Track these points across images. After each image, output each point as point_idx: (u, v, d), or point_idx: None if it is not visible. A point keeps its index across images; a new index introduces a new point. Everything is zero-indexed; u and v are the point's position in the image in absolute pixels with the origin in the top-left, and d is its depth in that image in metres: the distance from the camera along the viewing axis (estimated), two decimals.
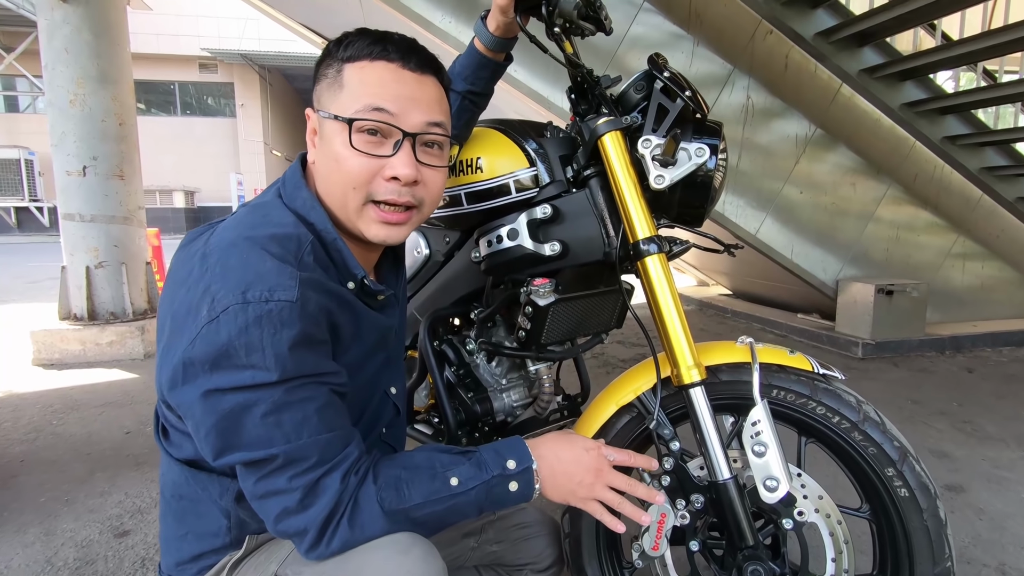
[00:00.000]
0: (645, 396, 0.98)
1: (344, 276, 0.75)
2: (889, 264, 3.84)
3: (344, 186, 0.73)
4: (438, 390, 1.24)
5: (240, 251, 0.65)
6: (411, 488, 0.70)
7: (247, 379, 0.62)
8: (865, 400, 0.94)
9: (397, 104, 0.72)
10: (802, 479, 0.92)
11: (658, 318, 0.94)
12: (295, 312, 0.63)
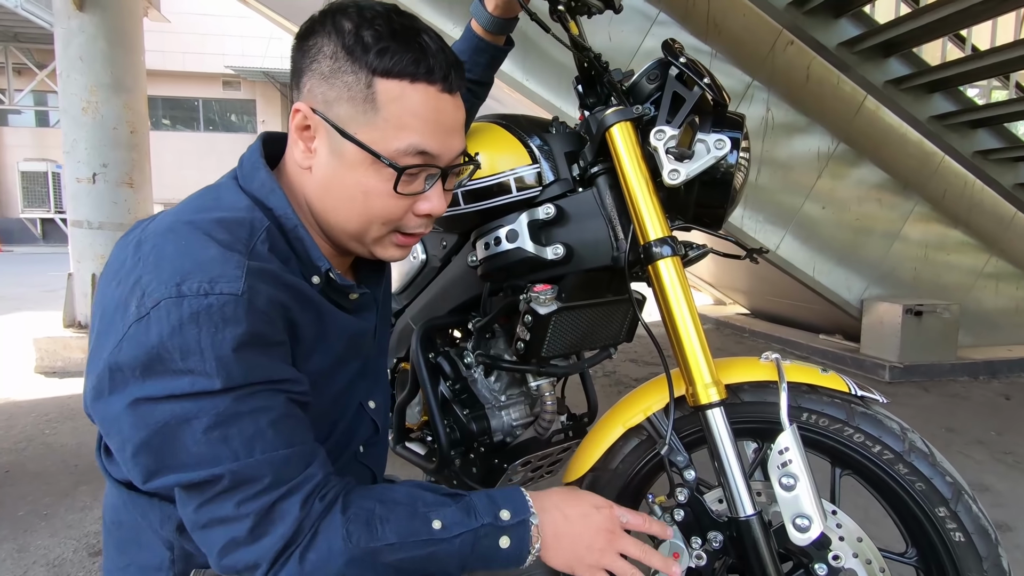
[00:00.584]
0: (656, 417, 0.87)
1: (308, 269, 0.66)
2: (917, 284, 3.67)
3: (369, 220, 0.66)
4: (430, 405, 1.14)
5: (178, 237, 0.56)
6: (385, 525, 0.60)
7: (184, 386, 0.52)
8: (910, 427, 0.82)
9: (439, 143, 0.64)
10: (838, 517, 0.79)
11: (671, 329, 0.83)
12: (241, 307, 0.54)
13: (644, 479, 0.90)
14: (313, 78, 0.62)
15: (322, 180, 0.65)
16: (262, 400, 0.56)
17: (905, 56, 3.11)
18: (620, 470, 0.90)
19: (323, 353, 0.68)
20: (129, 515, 0.67)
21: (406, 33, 0.62)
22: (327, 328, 0.67)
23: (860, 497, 0.89)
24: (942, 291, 3.68)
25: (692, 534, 0.81)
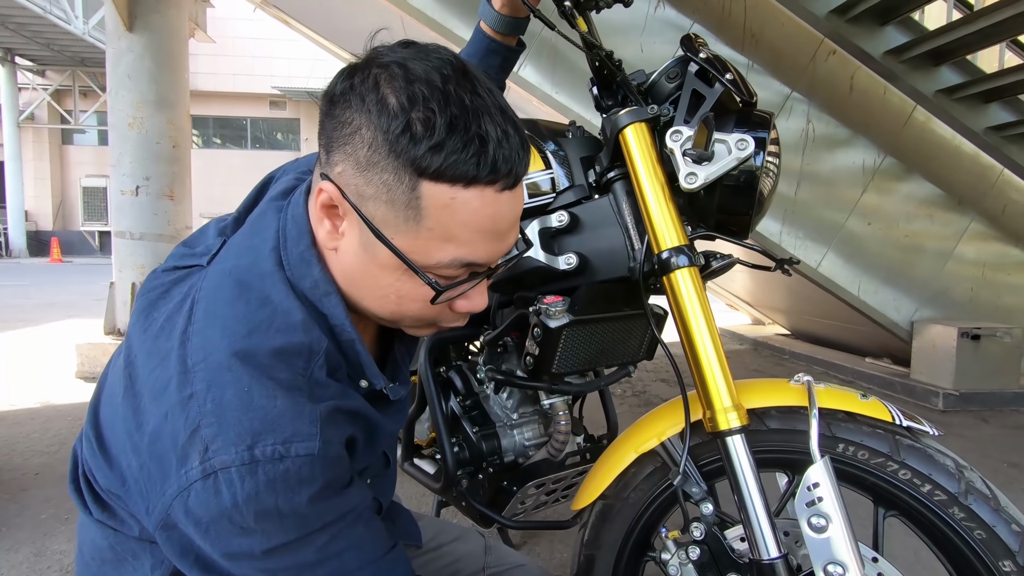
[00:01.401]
0: (671, 443, 0.79)
1: (356, 373, 0.61)
2: (975, 306, 3.42)
3: (401, 317, 0.59)
4: (437, 422, 1.09)
5: (238, 381, 0.50)
6: None
7: (256, 545, 0.50)
8: (967, 464, 0.72)
9: (489, 252, 0.54)
10: (879, 566, 0.70)
11: (688, 346, 0.76)
12: (317, 465, 0.50)
13: (659, 511, 0.82)
14: (347, 161, 0.51)
15: (350, 270, 0.56)
16: (342, 539, 0.55)
17: (958, 64, 2.94)
18: (632, 500, 0.82)
19: (369, 455, 0.65)
20: (116, 555, 0.63)
21: (466, 118, 0.48)
22: (376, 439, 0.64)
23: (909, 539, 0.79)
24: (1002, 314, 3.42)
25: (709, 575, 0.73)
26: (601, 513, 0.84)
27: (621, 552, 0.82)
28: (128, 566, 0.62)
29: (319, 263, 0.57)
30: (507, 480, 1.10)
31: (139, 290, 0.60)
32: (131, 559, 0.62)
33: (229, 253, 0.59)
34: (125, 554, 0.62)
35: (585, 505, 0.85)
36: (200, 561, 0.54)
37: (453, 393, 1.20)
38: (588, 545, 0.84)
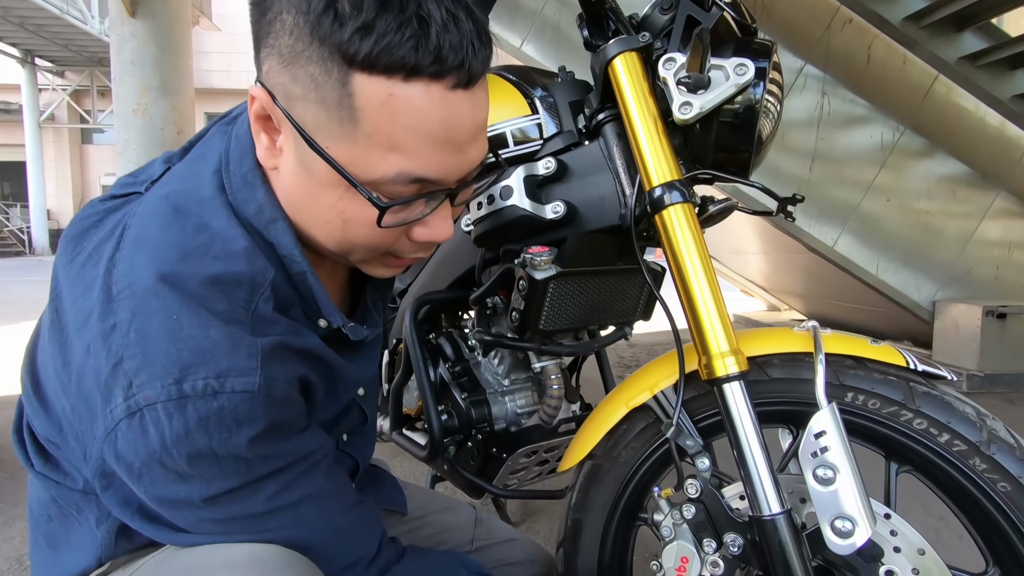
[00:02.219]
0: (665, 395, 0.74)
1: (314, 312, 0.56)
2: (1000, 285, 3.29)
3: (350, 246, 0.52)
4: (423, 387, 1.04)
5: (165, 308, 0.44)
6: None
7: (196, 492, 0.46)
8: (989, 413, 0.65)
9: (444, 165, 0.47)
10: (892, 522, 0.63)
11: (681, 288, 0.70)
12: (258, 404, 0.45)
13: (652, 470, 0.76)
14: (271, 57, 0.45)
15: (291, 190, 0.50)
16: (297, 489, 0.51)
17: (982, 28, 2.80)
18: (623, 459, 0.76)
19: (332, 404, 0.60)
20: (60, 510, 0.59)
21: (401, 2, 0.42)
22: (337, 384, 0.58)
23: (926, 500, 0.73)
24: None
25: (705, 536, 0.67)
26: (589, 474, 0.78)
27: (611, 516, 0.76)
28: (73, 521, 0.58)
29: (264, 186, 0.51)
30: (496, 447, 1.05)
31: (72, 219, 0.55)
32: (75, 513, 0.58)
33: (169, 178, 0.55)
34: (69, 508, 0.58)
35: (572, 465, 0.79)
36: (142, 511, 0.49)
37: (442, 360, 1.15)
38: (575, 509, 0.78)
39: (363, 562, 0.55)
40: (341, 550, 0.53)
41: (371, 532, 0.57)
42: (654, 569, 0.69)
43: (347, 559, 0.54)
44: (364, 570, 0.55)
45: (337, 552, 0.53)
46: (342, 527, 0.53)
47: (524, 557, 0.85)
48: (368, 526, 0.57)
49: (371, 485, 0.83)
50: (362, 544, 0.55)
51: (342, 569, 0.53)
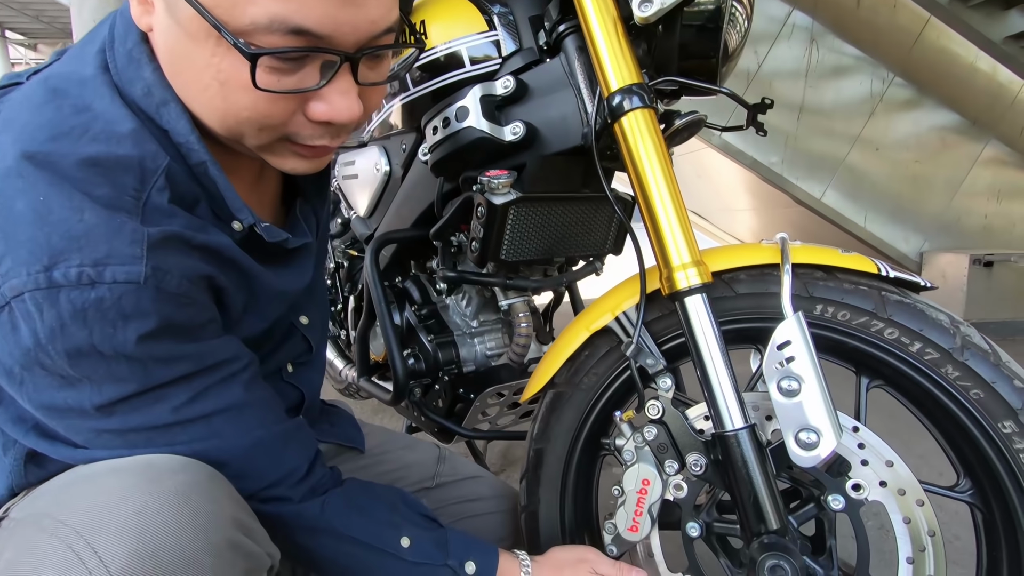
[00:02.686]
0: (626, 316, 0.70)
1: (225, 212, 0.50)
2: (988, 234, 3.27)
3: (236, 121, 0.46)
4: (384, 329, 1.00)
5: (32, 188, 0.39)
6: (360, 517, 0.56)
7: (87, 399, 0.42)
8: (964, 321, 0.62)
9: (330, 16, 0.41)
10: (860, 435, 0.61)
11: (641, 197, 0.65)
12: (146, 297, 0.40)
13: (616, 397, 0.73)
14: None
15: (167, 54, 0.45)
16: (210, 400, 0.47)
17: None
18: (585, 385, 0.73)
19: (255, 319, 0.55)
20: None
21: None
22: (257, 293, 0.53)
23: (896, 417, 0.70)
24: (1017, 242, 3.27)
25: (667, 459, 0.64)
26: (551, 403, 0.75)
27: (573, 444, 0.73)
28: None
29: (151, 63, 0.46)
30: (464, 389, 1.01)
31: None
32: None
33: (54, 65, 0.49)
34: None
35: (533, 394, 0.76)
36: (38, 428, 0.45)
37: (408, 303, 1.11)
38: (537, 439, 0.75)
39: (290, 480, 0.52)
40: (264, 466, 0.50)
41: (300, 451, 0.53)
42: (616, 494, 0.66)
43: (271, 476, 0.50)
44: (291, 488, 0.51)
45: (259, 468, 0.50)
46: (264, 442, 0.50)
47: (490, 493, 0.83)
48: (297, 444, 0.53)
49: (326, 422, 0.80)
50: (288, 461, 0.52)
51: (267, 486, 0.50)
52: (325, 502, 0.53)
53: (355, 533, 0.54)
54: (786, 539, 0.57)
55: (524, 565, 0.62)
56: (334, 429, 0.79)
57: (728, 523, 0.66)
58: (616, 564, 0.63)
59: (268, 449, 0.50)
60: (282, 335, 0.67)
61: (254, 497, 0.50)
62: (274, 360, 0.66)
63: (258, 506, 0.50)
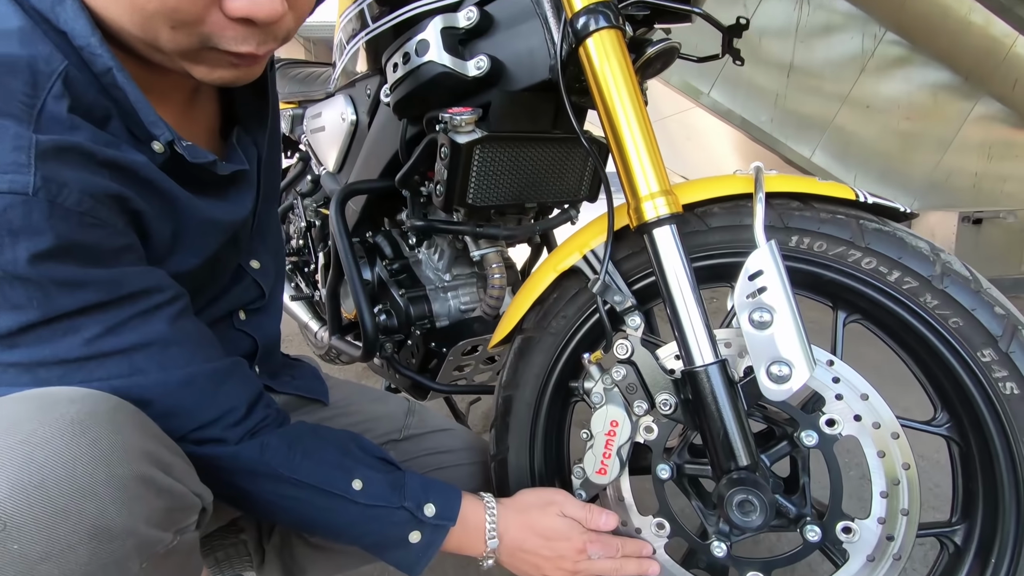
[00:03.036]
0: (594, 253, 0.66)
1: (141, 131, 0.46)
2: (978, 192, 3.25)
3: (143, 17, 0.41)
4: (352, 281, 0.96)
5: None
6: (305, 459, 0.53)
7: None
8: (944, 248, 0.59)
9: None
10: (835, 369, 0.58)
11: (607, 126, 0.61)
12: (37, 211, 0.36)
13: (587, 340, 0.70)
14: None
15: None
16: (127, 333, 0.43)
17: None
18: (554, 329, 0.70)
19: (187, 253, 0.51)
20: None
21: None
22: (185, 223, 0.49)
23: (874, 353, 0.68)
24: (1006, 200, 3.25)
25: (636, 399, 0.62)
26: (520, 349, 0.72)
27: (543, 390, 0.71)
28: None
29: None
30: (436, 342, 0.99)
31: None
32: None
33: None
34: None
35: (501, 340, 0.73)
36: None
37: (380, 258, 1.07)
38: (505, 386, 0.72)
39: (225, 421, 0.49)
40: (194, 406, 0.47)
41: (237, 391, 0.50)
42: (584, 438, 0.64)
43: (204, 416, 0.47)
44: (227, 430, 0.49)
45: (188, 408, 0.47)
46: (194, 381, 0.47)
47: (460, 445, 0.80)
48: (233, 385, 0.50)
49: (287, 374, 0.77)
50: (223, 402, 0.49)
51: (199, 427, 0.47)
52: (265, 443, 0.50)
53: (300, 475, 0.51)
54: (756, 475, 0.55)
55: (489, 508, 0.60)
56: (295, 381, 0.76)
57: (700, 465, 0.64)
58: (585, 506, 0.61)
59: (198, 388, 0.47)
60: (231, 279, 0.64)
61: (187, 439, 0.47)
62: (222, 304, 0.62)
63: (192, 448, 0.47)
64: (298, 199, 1.36)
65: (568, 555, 0.59)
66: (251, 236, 0.67)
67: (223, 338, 0.64)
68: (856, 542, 0.57)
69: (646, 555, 0.62)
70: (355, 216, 1.10)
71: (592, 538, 0.60)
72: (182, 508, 0.41)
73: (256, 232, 0.68)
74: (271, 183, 0.69)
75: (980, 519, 0.57)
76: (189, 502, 0.42)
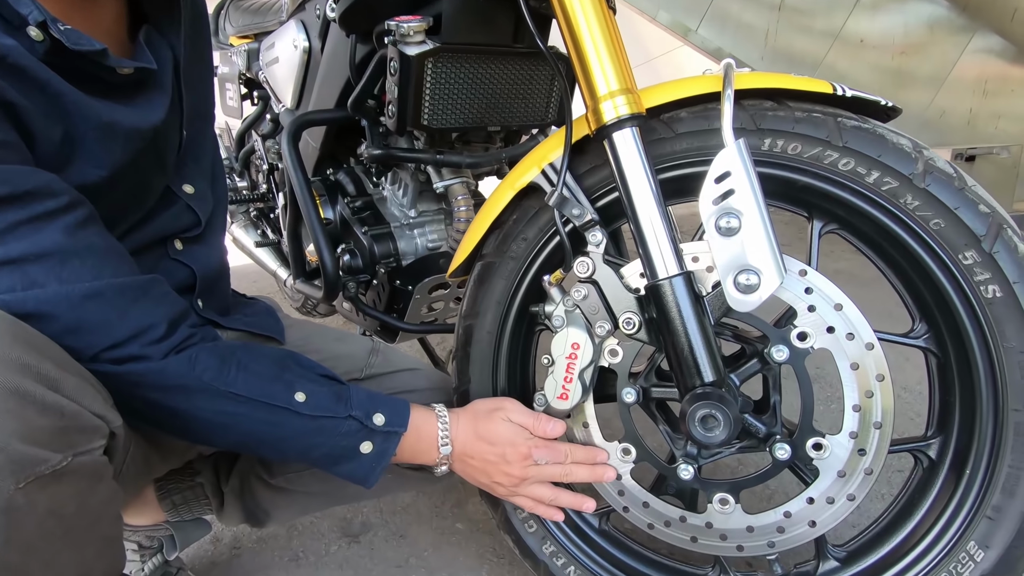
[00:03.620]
0: (553, 167, 0.61)
1: (9, 12, 0.40)
2: (973, 129, 3.18)
3: None
4: (309, 219, 0.91)
5: None
6: (240, 372, 0.50)
7: None
8: (928, 146, 0.54)
9: None
10: (808, 279, 0.54)
11: (563, 22, 0.55)
12: None
13: (551, 264, 0.66)
14: None
15: None
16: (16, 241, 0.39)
17: None
18: (515, 253, 0.66)
19: (88, 163, 0.45)
20: None
21: None
22: (77, 125, 0.44)
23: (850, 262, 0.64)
24: (1001, 137, 3.18)
25: (598, 320, 0.58)
26: (480, 275, 0.68)
27: (505, 318, 0.67)
28: None
29: None
30: (401, 281, 0.94)
31: None
32: None
33: None
34: None
35: (459, 265, 0.69)
36: None
37: (342, 195, 1.02)
38: (466, 316, 0.69)
39: (144, 339, 0.45)
40: (103, 322, 0.43)
41: (155, 308, 0.47)
42: (545, 363, 0.60)
43: (118, 333, 0.44)
44: (146, 347, 0.45)
45: (97, 324, 0.43)
46: (99, 295, 0.43)
47: (426, 384, 0.77)
48: (151, 302, 0.47)
49: (240, 312, 0.73)
50: (139, 318, 0.45)
51: (114, 345, 0.44)
52: (194, 357, 0.47)
53: (237, 389, 0.49)
54: (723, 391, 0.52)
55: (441, 416, 0.59)
56: (248, 319, 0.72)
57: (667, 387, 0.61)
58: (533, 414, 0.60)
59: (107, 303, 0.43)
60: (160, 203, 0.59)
61: (101, 358, 0.43)
62: (151, 229, 0.58)
63: (112, 368, 0.43)
64: (259, 141, 1.29)
65: (514, 460, 0.58)
66: (181, 157, 0.62)
67: (158, 268, 0.59)
68: (827, 458, 0.55)
69: (601, 461, 0.60)
70: (315, 153, 1.04)
71: (538, 444, 0.59)
72: (78, 429, 0.37)
73: (187, 153, 0.62)
74: (200, 97, 0.63)
75: (956, 432, 0.55)
76: (86, 422, 0.38)
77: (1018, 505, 0.50)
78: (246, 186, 1.39)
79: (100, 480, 0.39)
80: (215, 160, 0.67)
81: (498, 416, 0.58)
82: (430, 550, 0.86)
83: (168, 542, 0.73)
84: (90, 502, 0.37)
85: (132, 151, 0.49)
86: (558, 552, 0.67)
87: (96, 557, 0.38)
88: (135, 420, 0.49)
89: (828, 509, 0.55)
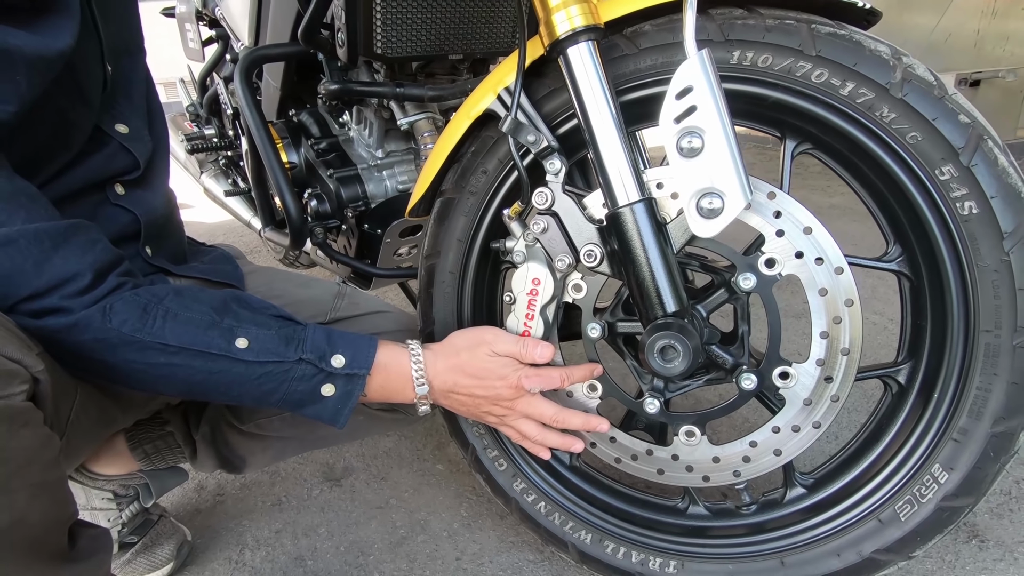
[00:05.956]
0: (508, 92, 0.57)
1: None
2: (979, 53, 3.03)
3: None
4: (268, 161, 0.87)
5: None
6: (167, 322, 0.47)
7: None
8: (908, 53, 0.50)
9: None
10: (777, 202, 0.51)
11: None
12: None
13: (511, 199, 0.63)
14: None
15: None
16: None
17: None
18: (475, 187, 0.62)
19: None
20: None
21: None
22: None
23: None
24: (1008, 59, 3.05)
25: (560, 254, 0.56)
26: (440, 212, 0.65)
27: (467, 256, 0.65)
28: None
29: None
30: (370, 224, 0.91)
31: None
32: None
33: None
34: None
35: (418, 202, 0.66)
36: None
37: (306, 137, 0.97)
38: (428, 254, 0.66)
39: (64, 290, 0.43)
40: (15, 271, 0.41)
41: (78, 256, 0.44)
42: (507, 301, 0.58)
43: (34, 283, 0.42)
44: (67, 299, 0.43)
45: (8, 273, 0.41)
46: (9, 242, 0.41)
47: (394, 327, 0.75)
48: (72, 249, 0.44)
49: (196, 260, 0.71)
50: (59, 268, 0.43)
51: (31, 296, 0.42)
52: (108, 308, 0.45)
53: (166, 339, 0.46)
54: (684, 321, 0.50)
55: (414, 354, 0.56)
56: (204, 266, 0.70)
57: (633, 322, 0.60)
58: (518, 340, 0.57)
59: (20, 251, 0.41)
60: (91, 144, 0.55)
61: (18, 309, 0.41)
62: (83, 172, 0.54)
63: (29, 322, 0.41)
64: (222, 84, 1.22)
65: (504, 393, 0.56)
66: (110, 95, 0.57)
67: (97, 214, 0.57)
68: (792, 387, 0.53)
69: (597, 375, 0.59)
70: (276, 94, 0.98)
71: (528, 372, 0.56)
72: None
73: (117, 90, 0.58)
74: (123, 27, 0.58)
75: (926, 356, 0.54)
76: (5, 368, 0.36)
77: (984, 427, 0.49)
78: (213, 133, 1.33)
79: (24, 425, 0.37)
80: (150, 97, 0.63)
81: (482, 351, 0.56)
82: (410, 491, 0.87)
83: (144, 490, 0.74)
84: (11, 446, 0.36)
85: (40, 82, 0.45)
86: (528, 489, 0.67)
87: (29, 501, 0.37)
88: (77, 372, 0.47)
89: (793, 438, 0.55)
